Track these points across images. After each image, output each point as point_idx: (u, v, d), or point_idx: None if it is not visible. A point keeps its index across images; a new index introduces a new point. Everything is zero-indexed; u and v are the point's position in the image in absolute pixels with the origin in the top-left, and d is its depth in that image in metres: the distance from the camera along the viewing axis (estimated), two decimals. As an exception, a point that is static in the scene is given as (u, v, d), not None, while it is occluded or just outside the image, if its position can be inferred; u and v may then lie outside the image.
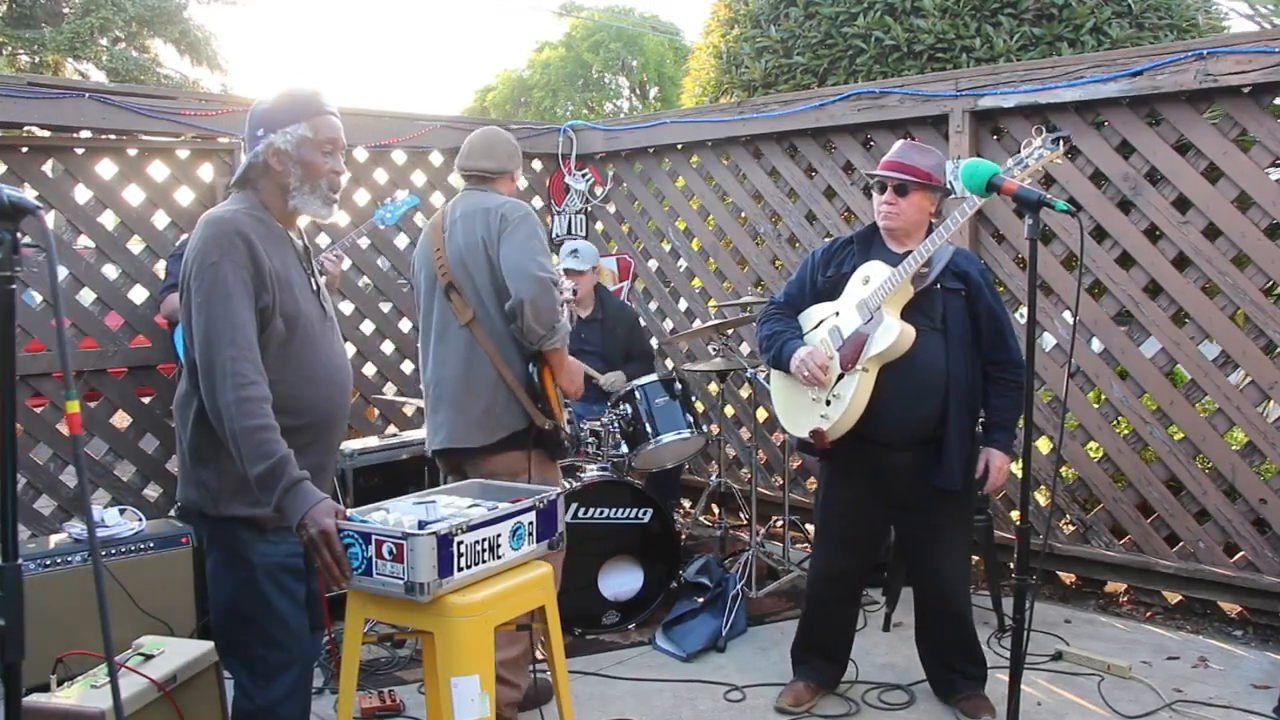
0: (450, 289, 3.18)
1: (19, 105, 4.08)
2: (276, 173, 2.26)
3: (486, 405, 3.13)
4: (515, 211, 3.13)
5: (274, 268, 2.20)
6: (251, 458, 2.06)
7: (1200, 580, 4.00)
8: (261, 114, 2.27)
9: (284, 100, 2.28)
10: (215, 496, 2.22)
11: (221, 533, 2.25)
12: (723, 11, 6.18)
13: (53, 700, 2.56)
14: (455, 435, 3.18)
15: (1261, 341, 3.85)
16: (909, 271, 2.99)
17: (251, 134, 2.27)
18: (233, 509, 2.21)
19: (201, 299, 2.12)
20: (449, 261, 3.19)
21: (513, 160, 3.34)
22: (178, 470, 2.36)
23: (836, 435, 3.10)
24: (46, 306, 4.37)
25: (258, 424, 2.07)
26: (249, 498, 2.18)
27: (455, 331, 3.18)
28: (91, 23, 18.00)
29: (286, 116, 2.25)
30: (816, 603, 3.43)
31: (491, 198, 3.22)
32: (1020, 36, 4.93)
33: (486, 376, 3.13)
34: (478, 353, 3.14)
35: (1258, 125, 3.76)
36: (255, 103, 2.32)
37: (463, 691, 2.22)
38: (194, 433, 2.22)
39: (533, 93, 29.54)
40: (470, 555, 2.26)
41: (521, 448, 3.17)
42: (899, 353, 3.01)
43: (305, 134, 2.25)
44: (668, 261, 5.80)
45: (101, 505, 3.98)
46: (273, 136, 2.23)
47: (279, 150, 2.24)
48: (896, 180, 3.11)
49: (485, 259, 3.11)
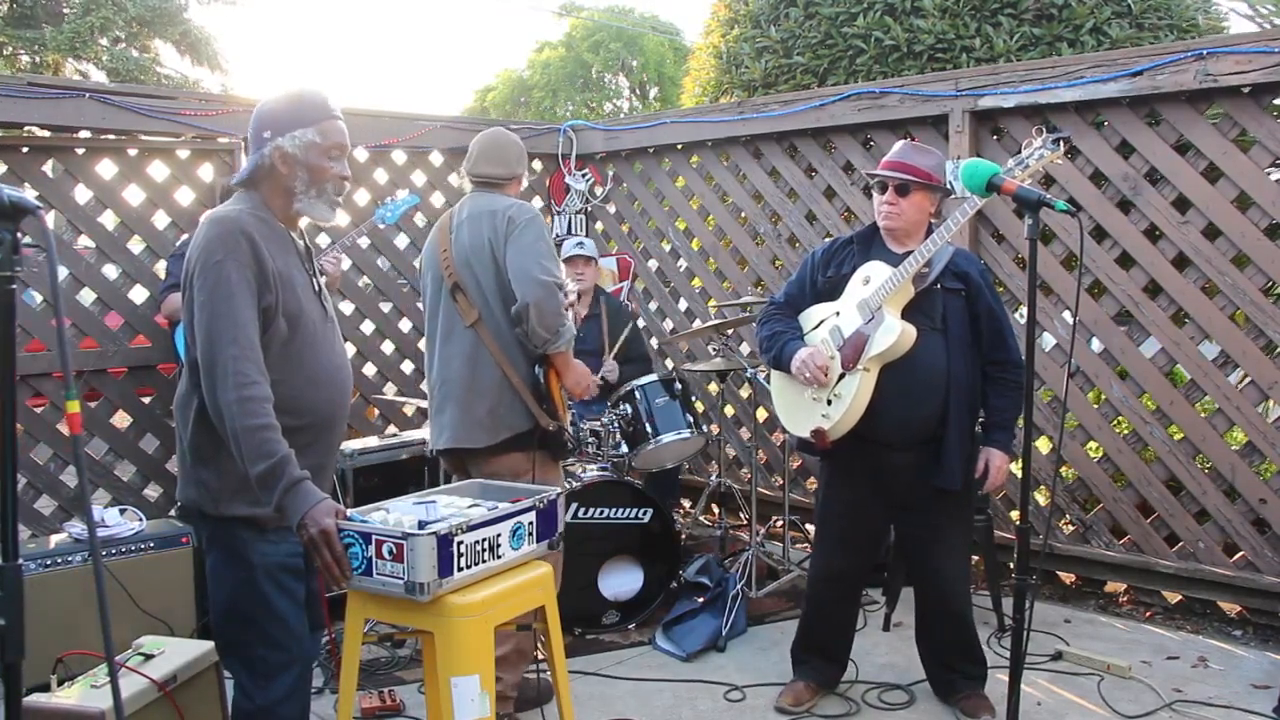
0: (456, 290, 3.18)
1: (19, 105, 4.09)
2: (282, 175, 2.25)
3: (491, 406, 3.13)
4: (523, 214, 3.12)
5: (277, 268, 2.20)
6: (252, 457, 2.06)
7: (1200, 580, 4.01)
8: (268, 116, 2.26)
9: (292, 103, 2.27)
10: (215, 496, 2.22)
11: (221, 532, 2.25)
12: (723, 12, 6.18)
13: (53, 700, 2.56)
14: (459, 435, 3.18)
15: (1261, 341, 3.85)
16: (910, 271, 2.99)
17: (257, 134, 2.26)
18: (233, 509, 2.21)
19: (205, 297, 2.11)
20: (455, 263, 3.19)
21: (520, 163, 3.34)
22: (178, 470, 2.36)
23: (838, 435, 3.10)
24: (47, 306, 4.37)
25: (259, 423, 2.07)
26: (249, 497, 2.18)
27: (461, 332, 3.18)
28: (92, 22, 18.00)
29: (294, 120, 2.23)
30: (816, 603, 3.43)
31: (499, 199, 3.22)
32: (1020, 36, 4.93)
33: (491, 377, 3.13)
34: (483, 354, 3.14)
35: (1257, 125, 3.76)
36: (261, 103, 2.31)
37: (463, 691, 2.23)
38: (195, 432, 2.22)
39: (533, 93, 29.55)
40: (470, 555, 2.26)
41: (525, 449, 3.17)
42: (900, 352, 3.01)
43: (313, 139, 2.24)
44: (668, 261, 5.80)
45: (102, 505, 3.98)
46: (280, 140, 2.22)
47: (286, 154, 2.23)
48: (898, 180, 3.11)
49: (491, 261, 3.11)
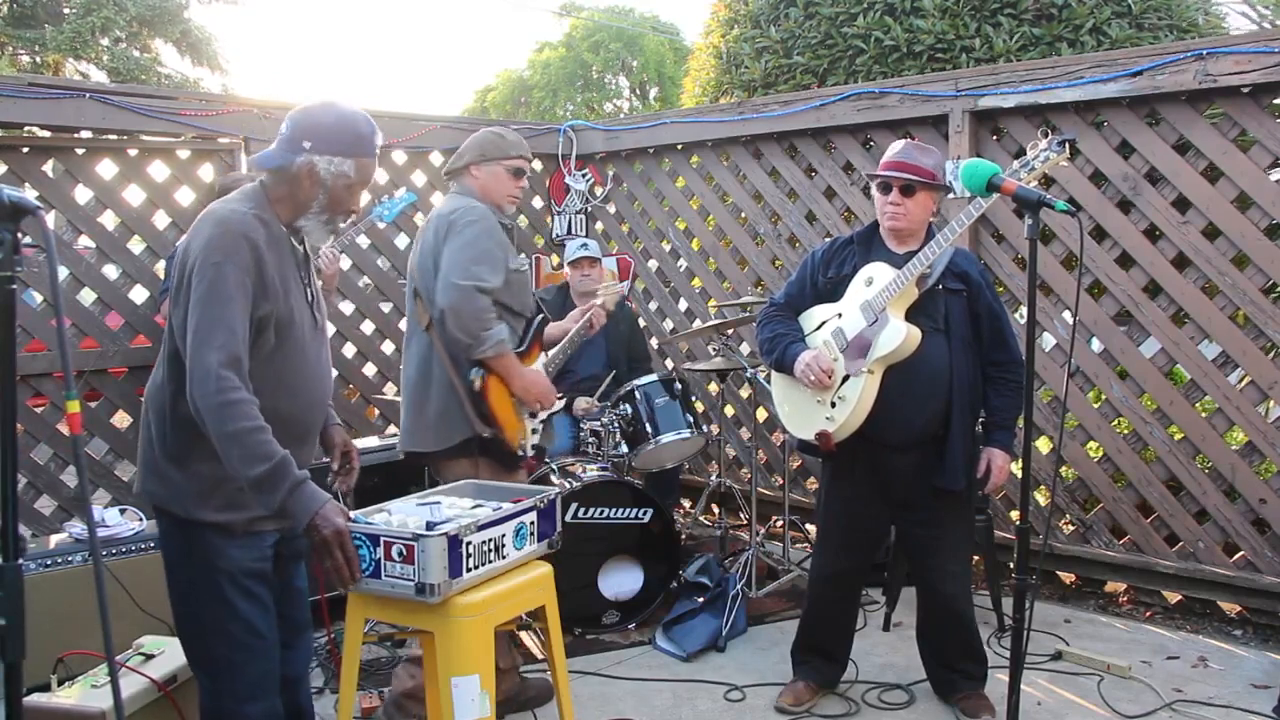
0: (415, 293, 3.21)
1: (19, 105, 4.09)
2: (303, 189, 2.22)
3: (440, 410, 3.14)
4: (464, 218, 3.08)
5: (275, 275, 2.18)
6: (249, 460, 2.02)
7: (1200, 580, 4.01)
8: (313, 127, 2.21)
9: (342, 126, 2.23)
10: (182, 498, 2.18)
11: (186, 533, 2.20)
12: (723, 12, 6.18)
13: (53, 700, 2.57)
14: (414, 439, 3.22)
15: (1261, 341, 3.85)
16: (914, 273, 2.99)
17: (294, 138, 2.21)
18: (201, 514, 2.17)
19: (199, 296, 2.08)
20: (415, 265, 3.22)
21: (473, 151, 3.23)
22: (140, 458, 2.27)
23: (842, 437, 3.10)
24: (47, 306, 4.36)
25: (251, 425, 2.03)
26: (219, 502, 2.16)
27: (419, 336, 3.21)
28: (92, 22, 18.02)
29: (338, 146, 2.21)
30: (817, 602, 3.43)
31: (456, 200, 3.19)
32: (1020, 37, 4.93)
33: (441, 381, 3.14)
34: (434, 357, 3.16)
35: (1257, 125, 3.76)
36: (309, 106, 2.25)
37: (463, 691, 2.23)
38: (171, 430, 2.17)
39: (533, 93, 29.54)
40: (477, 555, 2.27)
41: (469, 455, 3.17)
42: (905, 354, 3.01)
43: (346, 171, 2.22)
44: (668, 261, 5.80)
45: (102, 505, 3.97)
46: (316, 157, 2.19)
47: (317, 174, 2.21)
48: (904, 180, 3.08)
49: (433, 265, 3.10)
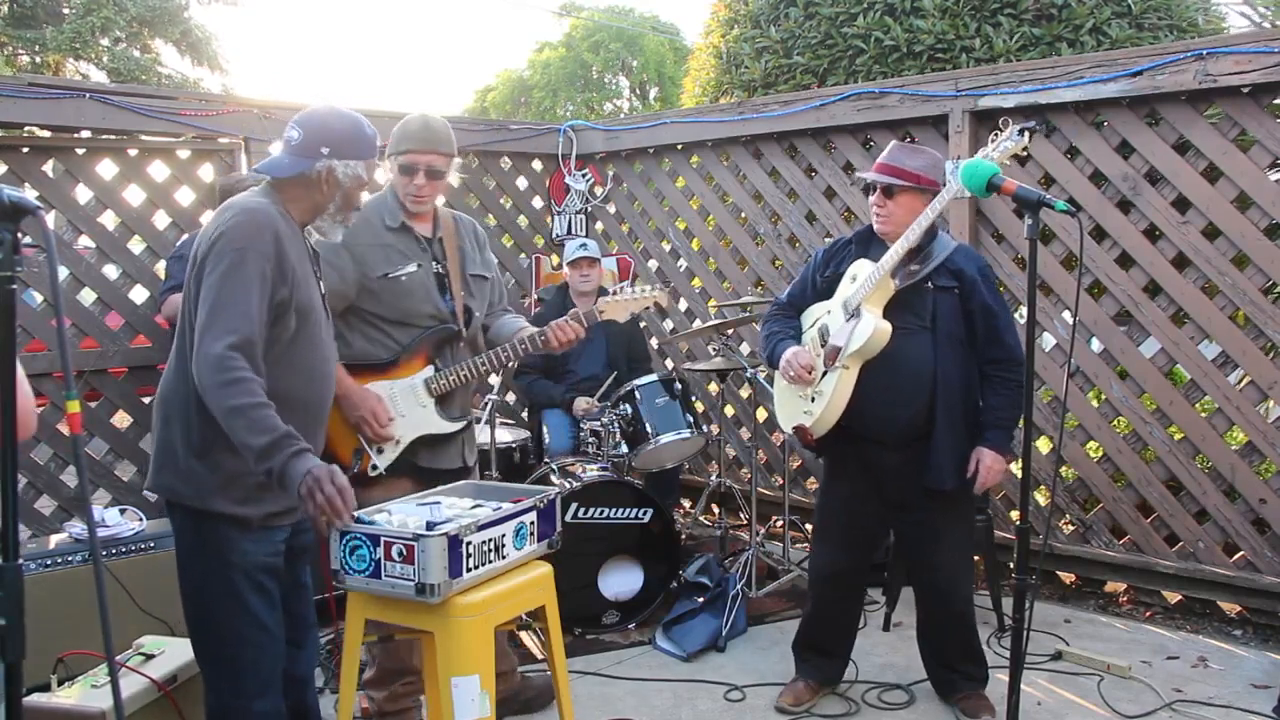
0: None
1: (19, 105, 4.09)
2: (321, 192, 2.33)
3: None
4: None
5: (294, 265, 2.26)
6: (253, 430, 2.07)
7: (1200, 580, 4.01)
8: (329, 133, 2.31)
9: (355, 132, 2.33)
10: (201, 490, 2.22)
11: (201, 526, 2.25)
12: (723, 12, 6.18)
13: (53, 700, 2.56)
14: None
15: (1261, 341, 3.85)
16: (886, 268, 3.01)
17: (312, 146, 2.29)
18: (219, 505, 2.22)
19: (218, 277, 2.15)
20: None
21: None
22: (154, 457, 2.31)
23: (820, 431, 3.13)
24: (47, 306, 4.36)
25: (256, 400, 2.09)
26: (237, 495, 2.21)
27: None
28: (92, 22, 18.03)
29: (354, 150, 2.32)
30: (818, 601, 3.43)
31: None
32: (1020, 37, 4.93)
33: None
34: None
35: (1257, 125, 3.76)
36: (322, 113, 2.35)
37: (463, 691, 2.23)
38: (200, 422, 2.21)
39: (533, 93, 29.56)
40: (477, 555, 2.27)
41: None
42: (876, 349, 3.01)
43: (360, 173, 2.33)
44: (668, 261, 5.80)
45: (102, 505, 3.98)
46: (335, 162, 2.30)
47: (335, 177, 2.31)
48: (884, 183, 3.12)
49: None
